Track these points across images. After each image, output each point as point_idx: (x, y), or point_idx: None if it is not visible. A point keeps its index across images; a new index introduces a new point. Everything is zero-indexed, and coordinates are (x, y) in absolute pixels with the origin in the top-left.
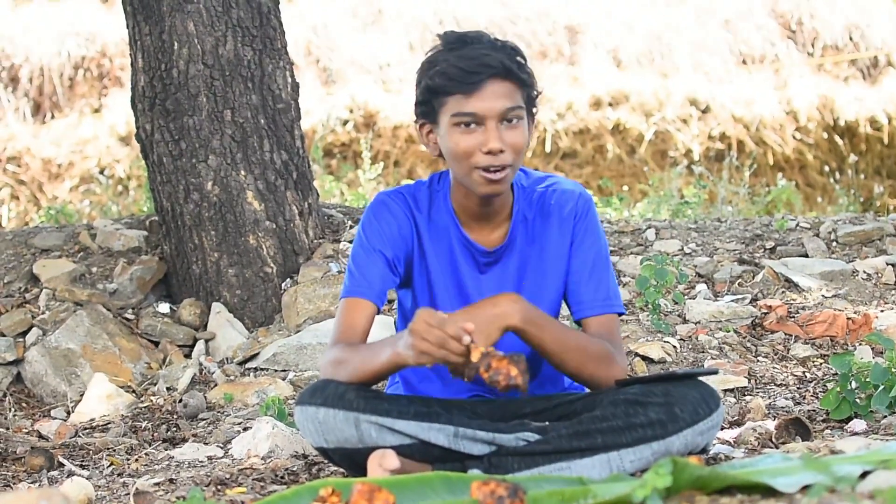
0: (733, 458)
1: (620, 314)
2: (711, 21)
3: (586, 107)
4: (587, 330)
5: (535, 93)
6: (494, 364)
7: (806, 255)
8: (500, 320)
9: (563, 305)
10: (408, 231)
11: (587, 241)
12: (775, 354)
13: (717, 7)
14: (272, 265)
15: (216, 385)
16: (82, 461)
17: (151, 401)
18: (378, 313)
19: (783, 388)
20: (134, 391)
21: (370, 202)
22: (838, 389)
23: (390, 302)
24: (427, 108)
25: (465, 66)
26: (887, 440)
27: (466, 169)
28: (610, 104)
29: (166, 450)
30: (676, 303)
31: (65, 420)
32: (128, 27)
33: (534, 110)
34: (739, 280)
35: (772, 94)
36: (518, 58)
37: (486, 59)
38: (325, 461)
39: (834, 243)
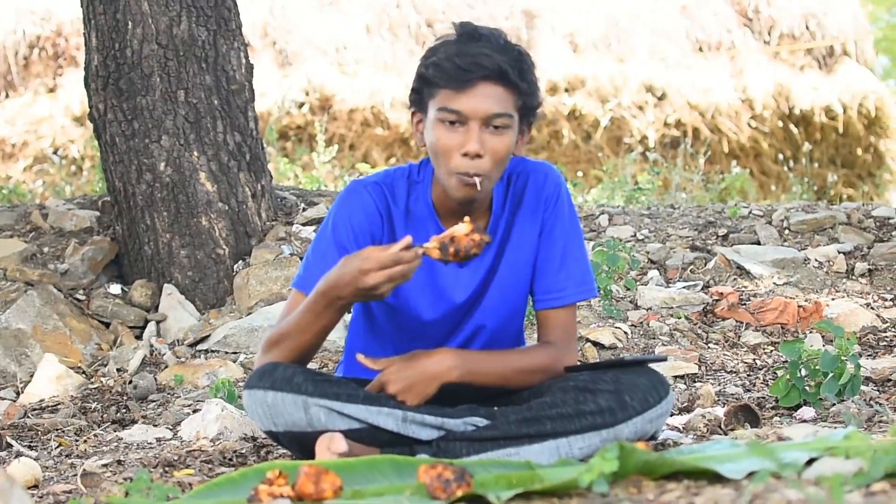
0: (682, 443)
1: (585, 299)
2: (668, 7)
3: (542, 92)
4: (545, 322)
5: (535, 103)
6: (460, 244)
7: (758, 243)
8: (437, 379)
9: None
10: (378, 226)
11: (557, 228)
12: (726, 341)
13: None
14: (224, 247)
15: (166, 367)
16: (31, 442)
17: (101, 382)
18: None
19: (733, 374)
20: (84, 372)
21: (345, 188)
22: (788, 377)
23: None
24: (418, 96)
25: (460, 62)
26: (836, 427)
27: (444, 168)
28: (566, 90)
29: (115, 431)
30: (628, 289)
31: (14, 401)
32: (82, 6)
33: (531, 120)
34: (691, 267)
35: (728, 81)
36: (522, 66)
37: (482, 58)
38: (274, 444)
39: (786, 231)
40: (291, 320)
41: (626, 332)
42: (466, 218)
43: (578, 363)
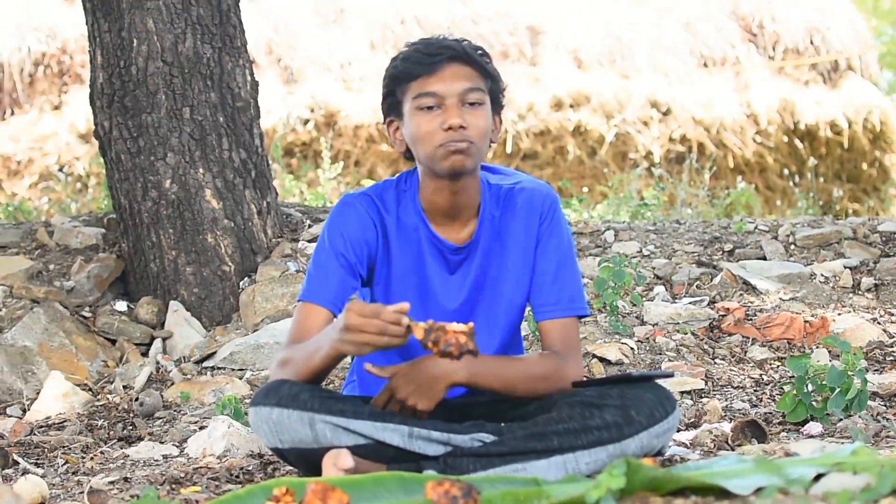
0: (689, 459)
1: (583, 316)
2: (672, 23)
3: (547, 108)
4: (546, 333)
5: (500, 86)
6: (442, 337)
7: (764, 258)
8: (444, 379)
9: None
10: (372, 234)
11: (552, 242)
12: (732, 357)
13: (677, 8)
14: (230, 264)
15: (173, 384)
16: (37, 459)
17: (108, 399)
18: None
19: (740, 390)
20: (90, 389)
21: (336, 203)
22: (795, 392)
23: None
24: (392, 100)
25: (426, 50)
26: (842, 443)
27: (429, 149)
28: (571, 105)
29: (122, 448)
30: (634, 304)
31: (20, 418)
32: (87, 23)
33: (500, 107)
34: (697, 282)
35: (732, 96)
36: (482, 53)
37: (446, 42)
38: (281, 461)
39: (792, 246)
40: (301, 347)
41: (632, 348)
42: (471, 323)
43: (585, 378)
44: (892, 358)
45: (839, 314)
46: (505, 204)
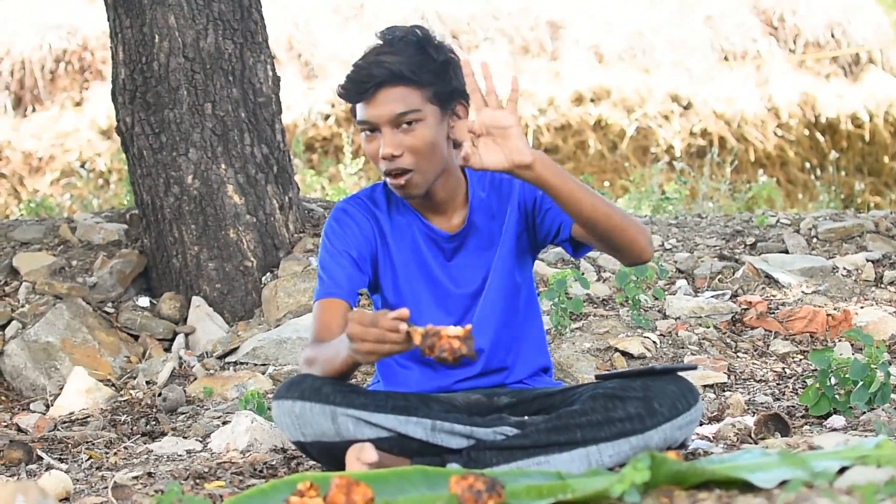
0: (712, 453)
1: None
2: (692, 18)
3: (568, 102)
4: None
5: (449, 87)
6: (437, 343)
7: (786, 252)
8: (525, 140)
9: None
10: (370, 232)
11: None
12: (755, 350)
13: (698, 3)
14: (252, 259)
15: (196, 379)
16: (61, 455)
17: (131, 394)
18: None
19: (763, 383)
20: (113, 385)
21: (331, 212)
22: (818, 385)
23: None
24: (353, 113)
25: (355, 76)
26: (866, 436)
27: (379, 171)
28: (592, 100)
29: (145, 443)
30: (657, 298)
31: (44, 413)
32: (109, 20)
33: (461, 100)
34: (720, 276)
35: (753, 90)
36: (422, 60)
37: (374, 68)
38: (304, 456)
39: (814, 240)
40: (324, 347)
41: (654, 342)
42: (469, 326)
43: (608, 371)
44: None
45: (862, 307)
46: (490, 183)
